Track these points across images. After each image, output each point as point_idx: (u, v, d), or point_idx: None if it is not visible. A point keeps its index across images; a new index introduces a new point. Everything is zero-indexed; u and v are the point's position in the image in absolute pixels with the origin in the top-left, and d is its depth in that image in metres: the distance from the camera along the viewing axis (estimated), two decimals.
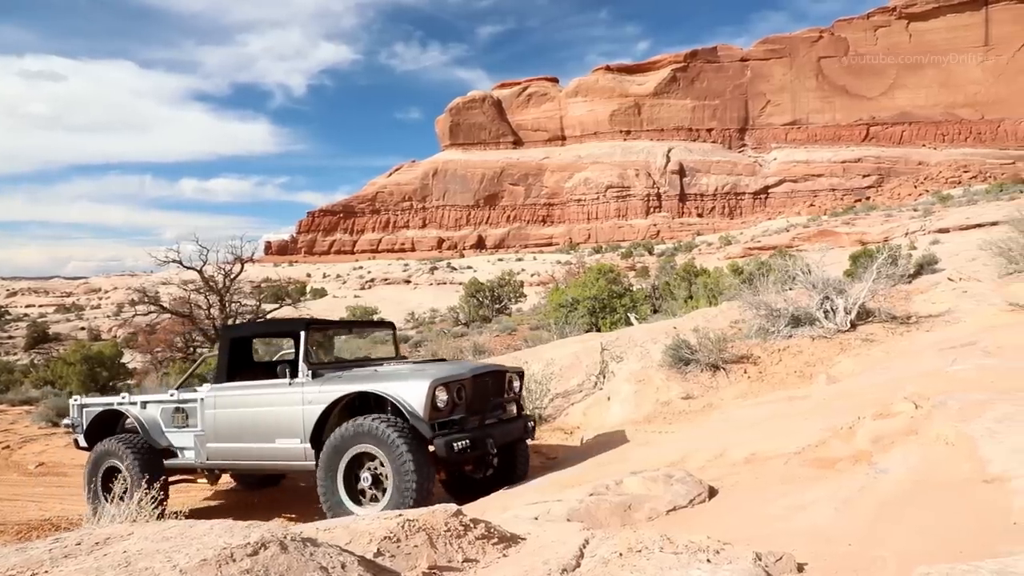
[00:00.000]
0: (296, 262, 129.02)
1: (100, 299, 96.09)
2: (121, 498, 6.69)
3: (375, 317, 36.65)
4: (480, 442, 5.54)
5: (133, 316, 23.49)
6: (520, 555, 2.45)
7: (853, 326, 9.24)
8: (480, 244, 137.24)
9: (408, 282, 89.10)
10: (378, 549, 2.29)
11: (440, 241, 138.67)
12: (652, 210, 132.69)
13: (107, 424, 7.46)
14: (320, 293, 73.95)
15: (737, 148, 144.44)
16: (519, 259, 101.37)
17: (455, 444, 5.30)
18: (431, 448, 5.30)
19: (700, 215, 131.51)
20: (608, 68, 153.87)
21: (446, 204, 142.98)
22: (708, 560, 2.09)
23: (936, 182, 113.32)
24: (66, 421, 7.93)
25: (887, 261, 10.69)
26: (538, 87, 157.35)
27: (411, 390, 5.47)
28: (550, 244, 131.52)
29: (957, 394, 4.17)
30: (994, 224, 33.87)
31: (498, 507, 4.49)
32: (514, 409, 6.64)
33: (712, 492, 3.88)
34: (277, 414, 6.05)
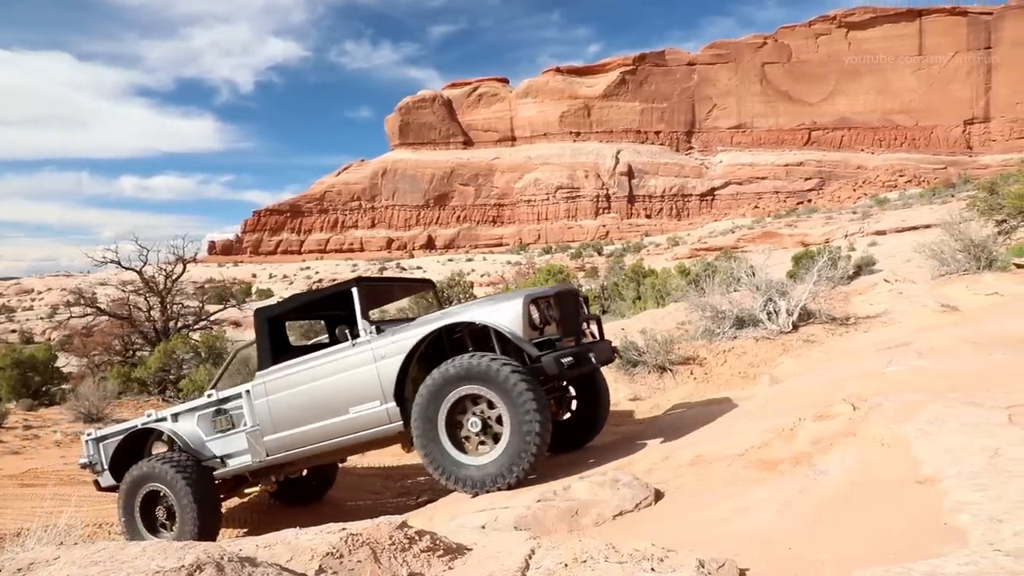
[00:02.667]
0: (241, 262, 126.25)
1: (33, 300, 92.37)
2: (165, 526, 6.04)
3: None
4: (583, 357, 5.19)
5: (68, 318, 22.62)
6: (466, 567, 2.43)
7: (795, 327, 9.48)
8: (430, 244, 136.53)
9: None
10: (320, 566, 2.23)
11: (389, 241, 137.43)
12: (601, 211, 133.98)
13: (133, 452, 6.47)
14: (266, 294, 72.51)
15: (684, 150, 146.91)
16: (469, 259, 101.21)
17: (563, 360, 4.88)
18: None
19: (648, 216, 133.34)
20: (558, 70, 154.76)
21: (396, 204, 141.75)
22: (652, 569, 2.11)
23: (874, 186, 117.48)
24: (82, 460, 6.78)
25: (827, 264, 10.99)
26: (489, 87, 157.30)
27: (505, 311, 5.05)
28: (500, 244, 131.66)
29: (892, 395, 4.30)
30: (927, 227, 35.25)
31: (446, 514, 4.45)
32: (595, 330, 6.15)
33: (658, 495, 3.91)
34: (346, 380, 5.40)
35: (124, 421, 7.11)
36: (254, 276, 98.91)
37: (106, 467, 6.49)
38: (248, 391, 5.92)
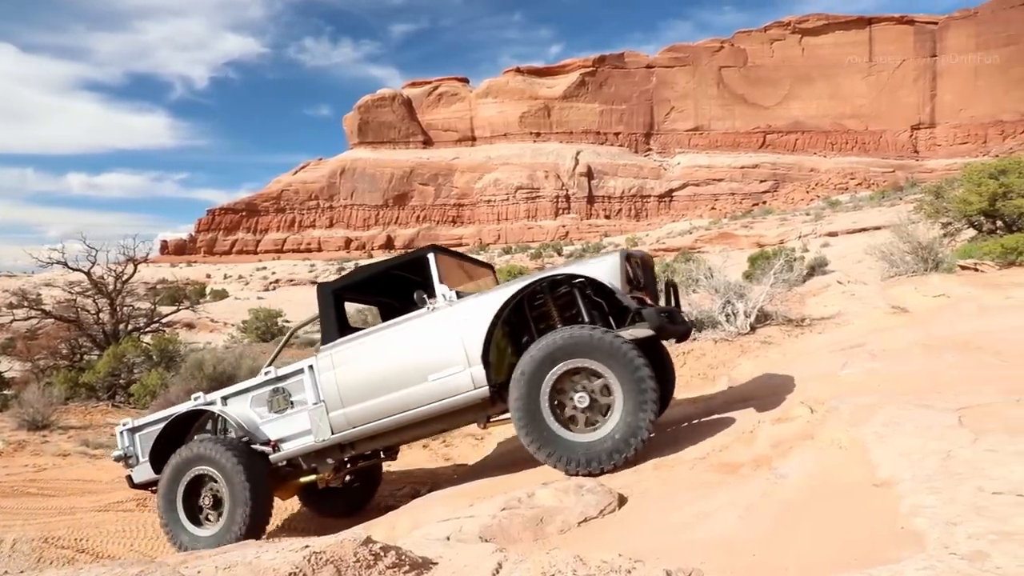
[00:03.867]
0: (195, 262, 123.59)
1: None
2: (209, 517, 5.61)
3: (280, 320, 35.50)
4: (677, 317, 5.01)
5: (11, 321, 21.82)
6: None
7: (752, 329, 9.64)
8: (389, 244, 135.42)
9: (315, 283, 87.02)
10: None
11: (348, 241, 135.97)
12: (561, 211, 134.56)
13: (175, 441, 6.01)
14: (221, 295, 71.11)
15: (643, 152, 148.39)
16: None
17: (663, 313, 4.74)
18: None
19: (608, 217, 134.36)
20: (518, 70, 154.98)
21: (354, 203, 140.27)
22: None
23: (826, 188, 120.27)
24: (116, 454, 6.29)
25: (784, 267, 11.20)
26: (449, 87, 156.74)
27: (604, 265, 4.85)
28: (460, 245, 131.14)
29: (848, 398, 4.38)
30: (877, 228, 36.28)
31: (408, 522, 4.40)
32: (672, 300, 5.87)
33: (622, 500, 3.93)
34: (425, 347, 5.14)
35: (157, 411, 6.61)
36: (208, 276, 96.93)
37: (142, 459, 6.05)
38: (311, 365, 5.59)
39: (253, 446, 5.69)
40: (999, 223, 14.45)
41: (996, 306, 8.23)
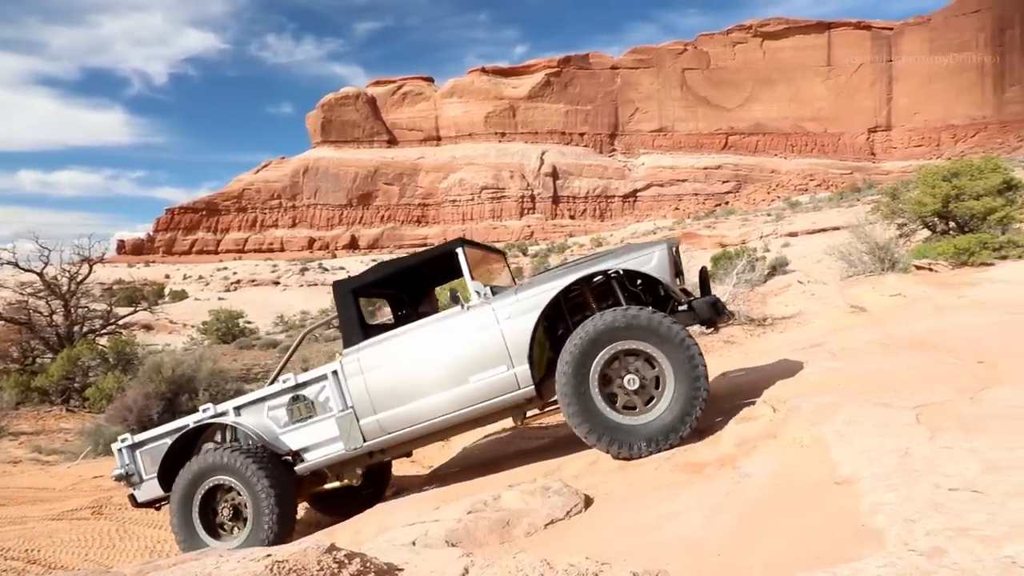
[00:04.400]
0: (153, 262, 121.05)
1: None
2: (226, 528, 5.35)
3: (241, 322, 34.99)
4: (721, 306, 4.99)
5: None
6: None
7: (716, 328, 9.74)
8: (353, 244, 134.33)
9: (277, 283, 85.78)
10: None
11: (311, 241, 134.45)
12: (526, 211, 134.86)
13: (182, 456, 5.67)
14: (180, 295, 69.77)
15: (608, 152, 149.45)
16: None
17: (715, 304, 4.75)
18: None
19: (572, 217, 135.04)
20: (484, 70, 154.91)
21: (318, 203, 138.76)
22: None
23: (787, 189, 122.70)
24: (116, 472, 5.87)
25: (746, 267, 11.35)
26: (413, 86, 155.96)
27: (651, 257, 4.77)
28: (425, 244, 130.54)
29: (810, 397, 4.45)
30: (836, 229, 37.07)
31: (374, 528, 4.35)
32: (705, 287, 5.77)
33: (588, 502, 3.93)
34: (464, 347, 4.93)
35: (160, 425, 6.23)
36: (167, 277, 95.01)
37: (146, 477, 5.71)
38: (336, 371, 5.29)
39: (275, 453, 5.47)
40: (952, 224, 14.85)
41: (950, 305, 8.45)
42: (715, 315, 4.89)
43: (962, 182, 14.23)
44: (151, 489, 5.74)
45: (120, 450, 5.84)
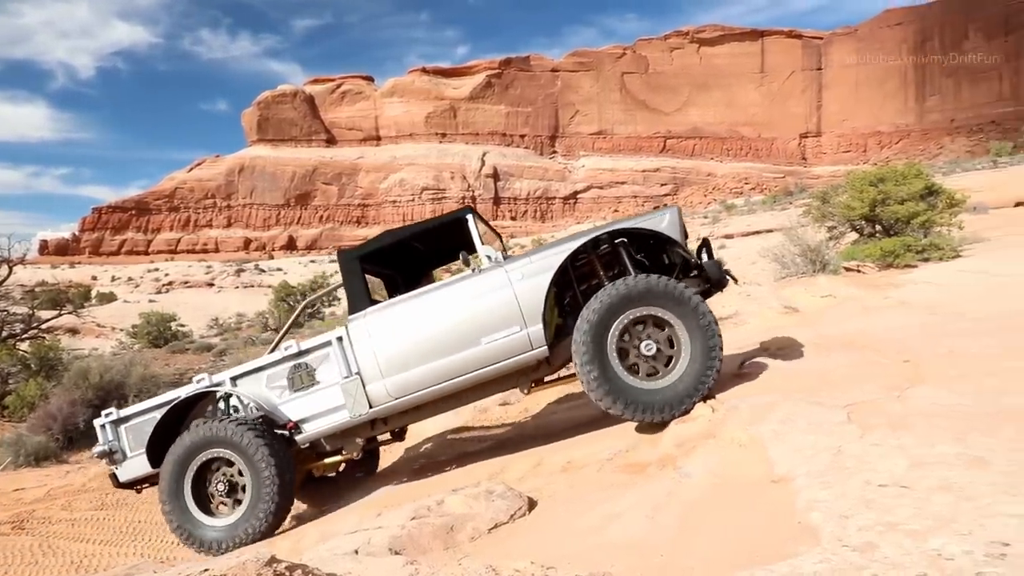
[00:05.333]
0: (79, 263, 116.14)
1: None
2: (224, 504, 5.11)
3: (173, 325, 33.90)
4: (724, 269, 5.15)
5: None
6: None
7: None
8: (291, 245, 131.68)
9: (211, 285, 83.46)
10: None
11: (247, 241, 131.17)
12: None
13: (172, 431, 5.42)
14: (108, 298, 67.12)
15: (548, 154, 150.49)
16: (333, 261, 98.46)
17: (721, 264, 4.92)
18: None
19: (514, 218, 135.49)
20: (424, 70, 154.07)
21: (254, 203, 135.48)
22: None
23: (722, 192, 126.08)
24: (98, 449, 5.56)
25: None
26: (353, 85, 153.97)
27: (663, 219, 4.93)
28: None
29: (747, 397, 4.55)
30: (770, 231, 38.19)
31: (315, 536, 4.26)
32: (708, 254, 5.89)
33: (532, 504, 3.94)
34: (476, 308, 4.93)
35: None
36: (94, 279, 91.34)
37: (130, 454, 5.43)
38: (340, 337, 5.21)
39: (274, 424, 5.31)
40: (878, 227, 15.44)
41: (876, 306, 8.79)
42: (723, 277, 5.09)
43: (887, 187, 14.83)
44: (135, 467, 5.49)
45: (103, 425, 5.55)
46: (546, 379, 5.53)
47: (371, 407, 5.09)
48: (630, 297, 4.62)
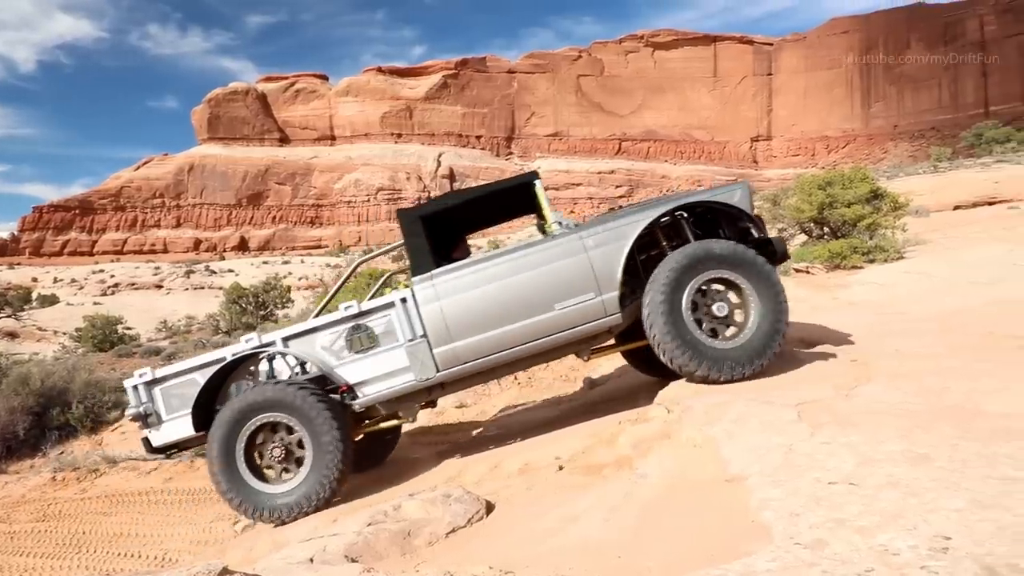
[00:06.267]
0: (18, 264, 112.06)
1: None
2: (273, 469, 4.91)
3: (120, 328, 32.99)
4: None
5: None
6: None
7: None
8: (243, 246, 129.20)
9: (160, 287, 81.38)
10: None
11: (197, 242, 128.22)
12: None
13: (215, 394, 5.20)
14: (50, 300, 64.96)
15: (505, 156, 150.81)
16: (286, 262, 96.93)
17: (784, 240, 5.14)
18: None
19: None
20: (380, 69, 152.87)
21: (204, 202, 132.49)
22: None
23: None
24: (131, 411, 5.23)
25: None
26: (307, 83, 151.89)
27: (736, 192, 5.15)
28: (319, 246, 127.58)
29: (701, 397, 4.61)
30: None
31: (267, 544, 4.18)
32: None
33: (489, 507, 3.93)
34: (550, 274, 4.95)
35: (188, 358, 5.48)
36: (35, 280, 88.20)
37: (165, 418, 5.16)
38: (405, 298, 5.07)
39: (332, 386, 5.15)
40: (827, 229, 15.86)
41: (825, 306, 9.03)
42: (786, 250, 5.29)
43: (835, 191, 15.24)
44: (171, 431, 5.23)
45: (135, 387, 5.25)
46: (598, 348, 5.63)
47: (438, 371, 5.02)
48: (705, 259, 4.81)
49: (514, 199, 5.65)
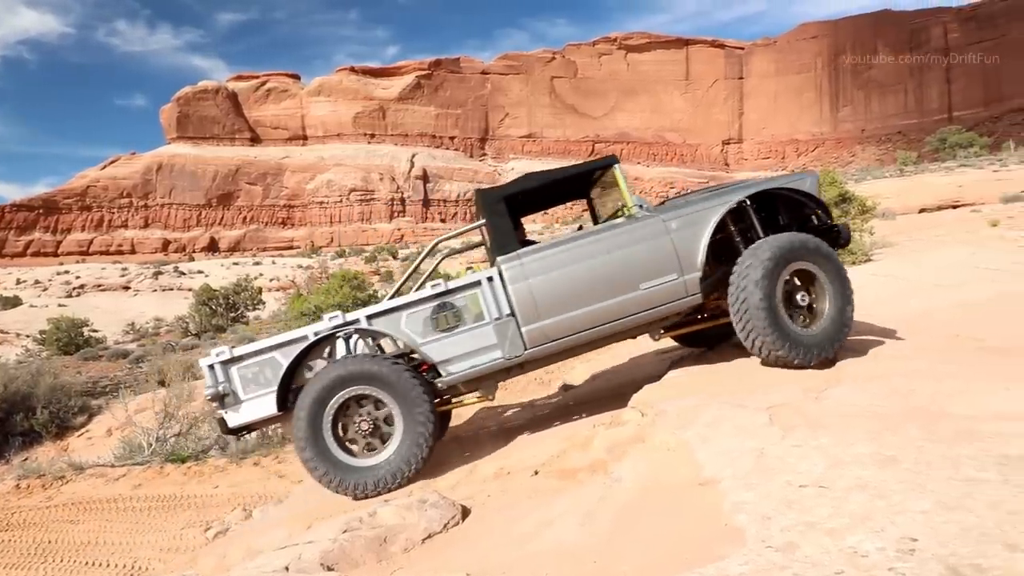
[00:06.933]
0: None
1: None
2: (355, 442, 4.88)
3: (86, 330, 32.38)
4: None
5: None
6: None
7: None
8: (213, 247, 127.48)
9: (127, 288, 79.96)
10: None
11: (166, 243, 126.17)
12: (396, 214, 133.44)
13: (290, 379, 5.13)
14: (13, 302, 63.50)
15: (478, 157, 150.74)
16: (257, 263, 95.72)
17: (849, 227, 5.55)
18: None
19: (443, 220, 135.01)
20: (353, 69, 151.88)
21: (173, 202, 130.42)
22: None
23: (649, 196, 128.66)
24: (209, 391, 5.10)
25: None
26: (278, 83, 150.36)
27: (808, 181, 5.55)
28: (291, 247, 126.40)
29: (674, 401, 4.66)
30: None
31: (241, 551, 4.13)
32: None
33: (465, 512, 3.93)
34: (635, 255, 5.10)
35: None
36: None
37: (244, 397, 5.05)
38: (491, 277, 5.13)
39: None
40: None
41: None
42: (851, 237, 5.66)
43: None
44: (249, 411, 5.13)
45: (212, 366, 5.12)
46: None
47: (526, 349, 5.10)
48: (792, 251, 5.02)
49: (583, 183, 5.95)
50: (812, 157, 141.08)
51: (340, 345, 5.32)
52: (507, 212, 5.34)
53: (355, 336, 5.33)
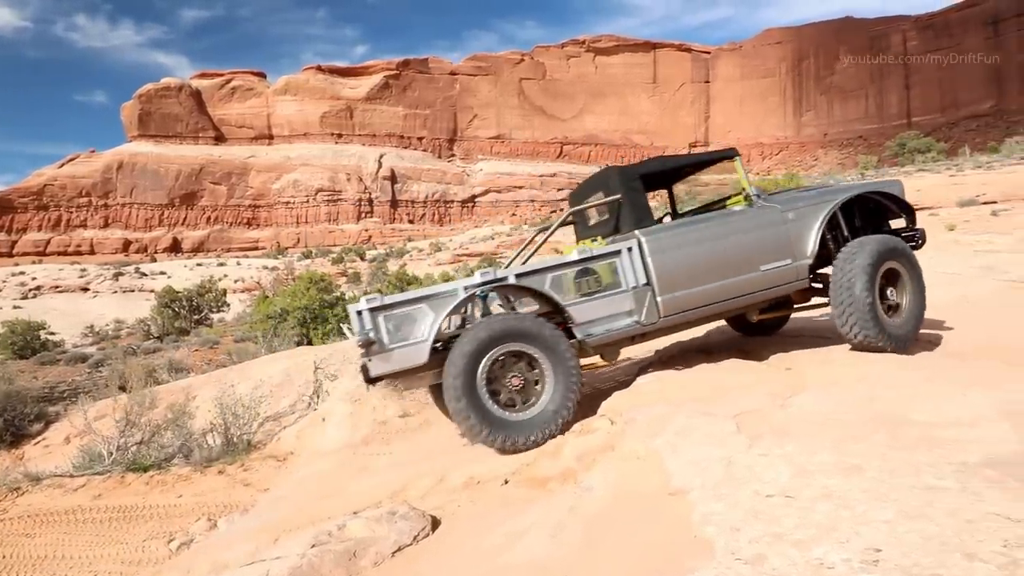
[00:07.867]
0: None
1: None
2: (503, 398, 4.95)
3: (42, 333, 31.56)
4: None
5: None
6: None
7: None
8: (176, 247, 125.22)
9: (86, 290, 78.16)
10: None
11: (127, 243, 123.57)
12: (364, 215, 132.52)
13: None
14: None
15: (447, 158, 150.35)
16: (221, 264, 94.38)
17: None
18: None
19: (411, 221, 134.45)
20: (320, 68, 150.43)
21: (134, 202, 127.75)
22: None
23: None
24: (359, 337, 4.99)
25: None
26: (244, 81, 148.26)
27: (898, 187, 6.20)
28: (256, 248, 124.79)
29: (644, 408, 4.69)
30: None
31: (206, 567, 4.06)
32: None
33: (435, 523, 3.91)
34: (757, 239, 5.64)
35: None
36: None
37: (389, 345, 4.99)
38: (631, 248, 5.42)
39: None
40: None
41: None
42: (925, 240, 6.46)
43: None
44: (395, 360, 5.09)
45: (360, 312, 5.06)
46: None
47: (660, 316, 5.44)
48: (887, 251, 5.66)
49: (701, 170, 6.48)
50: (776, 160, 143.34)
51: (479, 305, 5.63)
52: (643, 188, 5.81)
53: (491, 296, 5.56)
